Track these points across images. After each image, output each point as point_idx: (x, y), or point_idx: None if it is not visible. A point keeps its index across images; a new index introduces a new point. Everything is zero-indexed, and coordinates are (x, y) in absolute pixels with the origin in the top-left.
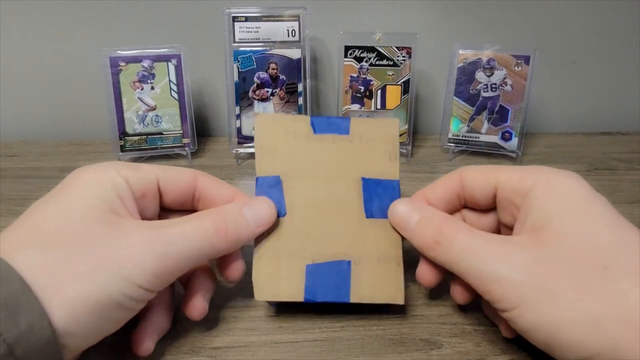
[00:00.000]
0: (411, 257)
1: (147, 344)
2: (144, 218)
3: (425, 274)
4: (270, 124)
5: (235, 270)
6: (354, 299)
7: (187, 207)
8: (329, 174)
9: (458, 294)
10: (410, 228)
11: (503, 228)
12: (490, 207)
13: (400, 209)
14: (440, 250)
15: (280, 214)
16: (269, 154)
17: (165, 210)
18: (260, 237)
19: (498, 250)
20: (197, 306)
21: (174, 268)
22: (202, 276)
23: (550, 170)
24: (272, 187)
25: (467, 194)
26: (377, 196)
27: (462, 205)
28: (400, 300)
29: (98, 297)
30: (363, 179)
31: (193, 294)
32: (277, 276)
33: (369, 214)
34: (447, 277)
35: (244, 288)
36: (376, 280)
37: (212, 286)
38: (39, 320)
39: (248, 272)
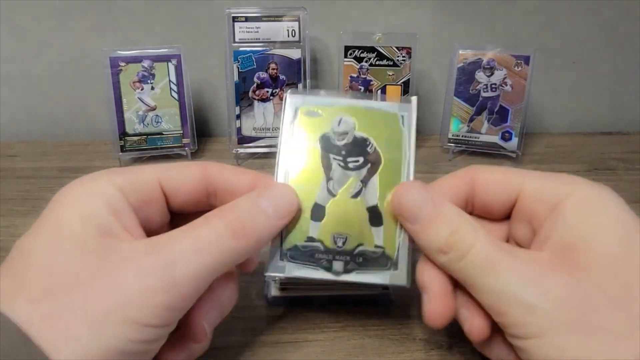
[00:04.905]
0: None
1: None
2: (150, 230)
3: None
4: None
5: (251, 262)
6: None
7: (202, 207)
8: None
9: (475, 329)
10: (420, 222)
11: (512, 242)
12: (503, 217)
13: (410, 195)
14: (453, 256)
15: None
16: None
17: (179, 215)
18: None
19: (524, 270)
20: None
21: (189, 292)
22: None
23: (584, 182)
24: None
25: (480, 200)
26: None
27: (469, 211)
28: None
29: (101, 353)
30: None
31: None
32: None
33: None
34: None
35: (244, 288)
36: None
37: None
38: None
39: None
